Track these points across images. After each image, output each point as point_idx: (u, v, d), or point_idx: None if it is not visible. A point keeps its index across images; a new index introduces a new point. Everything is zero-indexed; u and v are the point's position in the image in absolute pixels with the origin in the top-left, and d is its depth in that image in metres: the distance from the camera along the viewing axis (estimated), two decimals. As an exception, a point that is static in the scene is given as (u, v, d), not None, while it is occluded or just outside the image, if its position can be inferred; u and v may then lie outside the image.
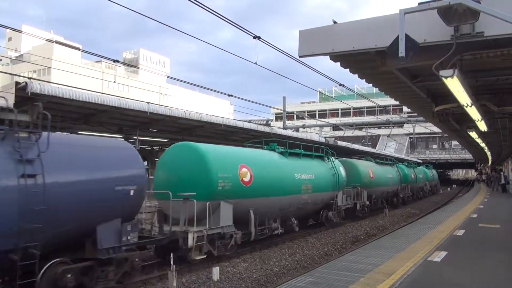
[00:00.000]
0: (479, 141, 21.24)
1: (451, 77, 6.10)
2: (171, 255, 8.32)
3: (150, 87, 53.14)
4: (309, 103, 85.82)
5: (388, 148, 59.57)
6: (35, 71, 58.54)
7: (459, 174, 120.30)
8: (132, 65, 68.02)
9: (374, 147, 54.13)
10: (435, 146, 69.92)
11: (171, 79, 77.74)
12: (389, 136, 60.03)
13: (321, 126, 45.45)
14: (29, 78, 10.94)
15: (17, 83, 9.94)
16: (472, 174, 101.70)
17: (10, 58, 61.65)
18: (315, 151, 16.91)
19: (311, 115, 71.60)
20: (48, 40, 39.01)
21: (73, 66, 44.19)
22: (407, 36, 5.19)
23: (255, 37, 10.47)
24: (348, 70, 8.52)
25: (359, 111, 69.59)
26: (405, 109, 34.85)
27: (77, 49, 48.82)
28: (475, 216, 16.34)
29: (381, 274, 7.21)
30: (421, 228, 13.21)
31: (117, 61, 13.90)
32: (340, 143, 27.99)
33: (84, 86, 15.49)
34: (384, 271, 7.43)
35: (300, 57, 7.24)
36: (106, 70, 63.21)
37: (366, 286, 6.50)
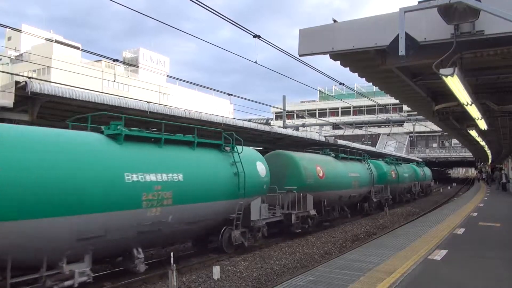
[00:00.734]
0: (479, 139, 21.22)
1: (451, 75, 6.09)
2: (171, 254, 8.37)
3: (150, 86, 53.00)
4: (309, 102, 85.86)
5: (388, 146, 59.51)
6: (34, 71, 58.41)
7: (459, 172, 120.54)
8: (132, 64, 67.84)
9: (374, 145, 53.91)
10: (435, 144, 69.87)
11: (171, 78, 77.55)
12: (389, 135, 60.08)
13: (321, 125, 45.45)
14: (29, 77, 10.91)
15: (17, 83, 9.95)
16: (472, 172, 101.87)
17: (10, 57, 61.58)
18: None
19: (311, 114, 71.68)
20: (47, 39, 38.90)
21: (73, 65, 44.09)
22: (407, 34, 5.19)
23: (255, 36, 10.48)
24: (348, 69, 8.51)
25: (359, 110, 69.57)
26: (405, 107, 34.59)
27: (77, 48, 48.89)
28: (475, 214, 16.34)
29: (381, 272, 7.22)
30: (422, 226, 13.21)
31: (117, 61, 13.88)
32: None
33: (84, 85, 15.46)
34: (384, 269, 7.43)
35: (300, 56, 7.24)
36: (106, 69, 63.09)
37: (366, 285, 6.50)
